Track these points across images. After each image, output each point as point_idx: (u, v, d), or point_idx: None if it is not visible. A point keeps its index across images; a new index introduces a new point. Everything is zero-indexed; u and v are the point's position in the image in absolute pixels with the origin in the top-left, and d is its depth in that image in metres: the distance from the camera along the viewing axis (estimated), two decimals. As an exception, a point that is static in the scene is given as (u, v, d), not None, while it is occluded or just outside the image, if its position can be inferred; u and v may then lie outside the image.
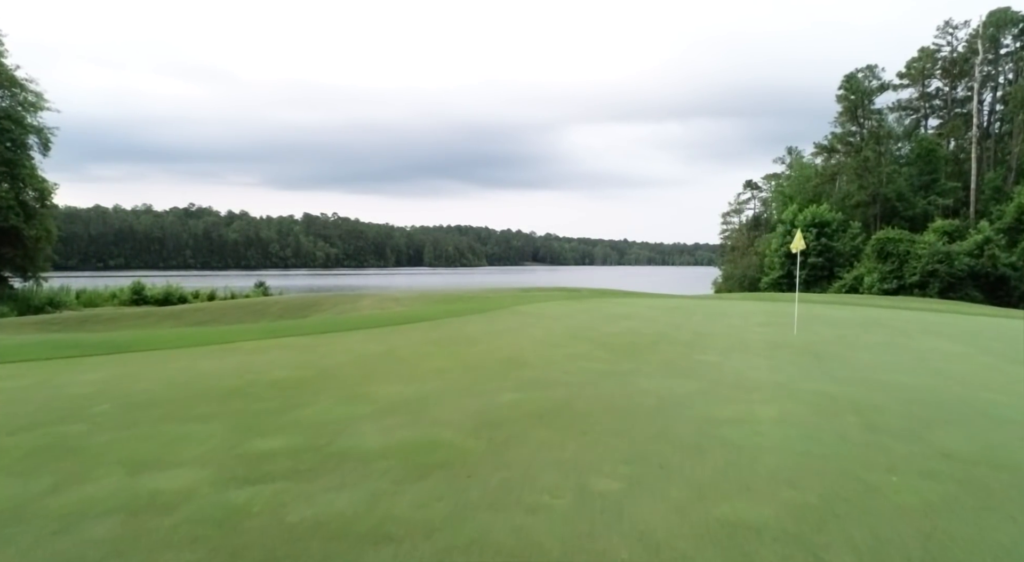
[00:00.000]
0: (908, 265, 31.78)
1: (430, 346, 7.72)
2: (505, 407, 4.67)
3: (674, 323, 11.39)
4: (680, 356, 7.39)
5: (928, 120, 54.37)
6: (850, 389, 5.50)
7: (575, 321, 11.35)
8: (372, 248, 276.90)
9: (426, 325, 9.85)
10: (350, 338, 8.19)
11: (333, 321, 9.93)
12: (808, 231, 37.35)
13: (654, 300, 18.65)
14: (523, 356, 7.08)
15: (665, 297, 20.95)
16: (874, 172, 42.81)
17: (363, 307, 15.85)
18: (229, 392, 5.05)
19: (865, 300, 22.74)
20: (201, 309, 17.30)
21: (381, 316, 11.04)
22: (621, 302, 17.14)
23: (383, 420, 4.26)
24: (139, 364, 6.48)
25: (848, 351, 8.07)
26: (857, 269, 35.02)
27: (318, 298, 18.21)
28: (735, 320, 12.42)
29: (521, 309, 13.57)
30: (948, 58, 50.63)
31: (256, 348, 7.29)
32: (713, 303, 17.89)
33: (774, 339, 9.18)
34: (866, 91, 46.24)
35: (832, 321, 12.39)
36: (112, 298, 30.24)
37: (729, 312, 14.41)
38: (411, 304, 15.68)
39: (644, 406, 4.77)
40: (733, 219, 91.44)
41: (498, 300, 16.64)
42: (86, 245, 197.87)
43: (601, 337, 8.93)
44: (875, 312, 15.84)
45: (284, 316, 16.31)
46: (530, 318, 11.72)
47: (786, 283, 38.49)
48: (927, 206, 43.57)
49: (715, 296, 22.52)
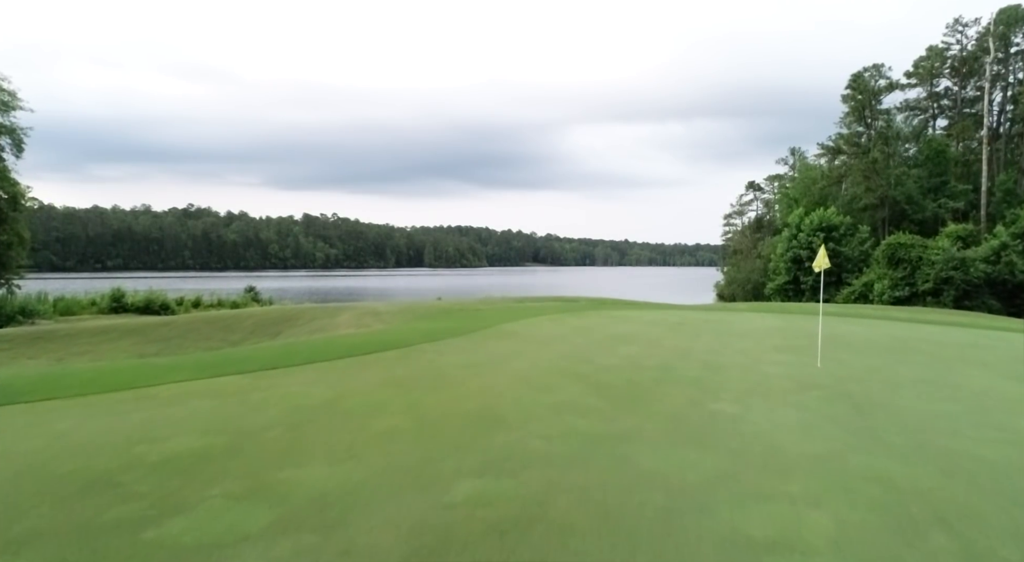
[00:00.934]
0: (920, 272, 30.49)
1: (388, 390, 6.43)
2: (457, 513, 3.39)
3: (680, 349, 10.10)
4: (689, 404, 6.11)
5: (936, 120, 53.05)
6: (918, 472, 4.21)
7: (567, 347, 10.06)
8: (372, 249, 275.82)
9: (393, 356, 8.56)
10: (296, 378, 6.90)
11: (288, 351, 8.65)
12: (815, 235, 36.08)
13: (656, 313, 17.37)
14: (497, 407, 5.80)
15: (668, 309, 19.67)
16: (882, 174, 41.51)
17: (340, 323, 14.58)
18: (89, 484, 3.76)
19: (879, 312, 21.44)
20: (168, 324, 16.04)
21: (346, 342, 9.76)
22: (620, 317, 15.86)
23: (274, 546, 2.99)
24: (4, 425, 5.20)
25: (889, 394, 6.78)
26: (867, 275, 33.74)
27: (296, 311, 16.94)
28: (748, 343, 11.13)
29: (509, 329, 12.29)
30: (958, 57, 49.28)
31: (176, 396, 6.01)
32: (720, 317, 16.60)
33: (797, 374, 7.89)
34: (873, 91, 44.94)
35: (855, 344, 11.09)
36: (91, 305, 29.03)
37: (739, 330, 13.12)
38: (391, 320, 14.40)
39: (647, 508, 3.49)
40: (735, 221, 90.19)
41: (487, 316, 15.37)
42: (84, 246, 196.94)
43: (595, 372, 7.65)
44: (896, 329, 14.54)
45: (255, 333, 15.05)
46: (517, 343, 10.44)
47: (792, 289, 37.23)
48: (937, 209, 42.25)
49: (721, 307, 21.24)
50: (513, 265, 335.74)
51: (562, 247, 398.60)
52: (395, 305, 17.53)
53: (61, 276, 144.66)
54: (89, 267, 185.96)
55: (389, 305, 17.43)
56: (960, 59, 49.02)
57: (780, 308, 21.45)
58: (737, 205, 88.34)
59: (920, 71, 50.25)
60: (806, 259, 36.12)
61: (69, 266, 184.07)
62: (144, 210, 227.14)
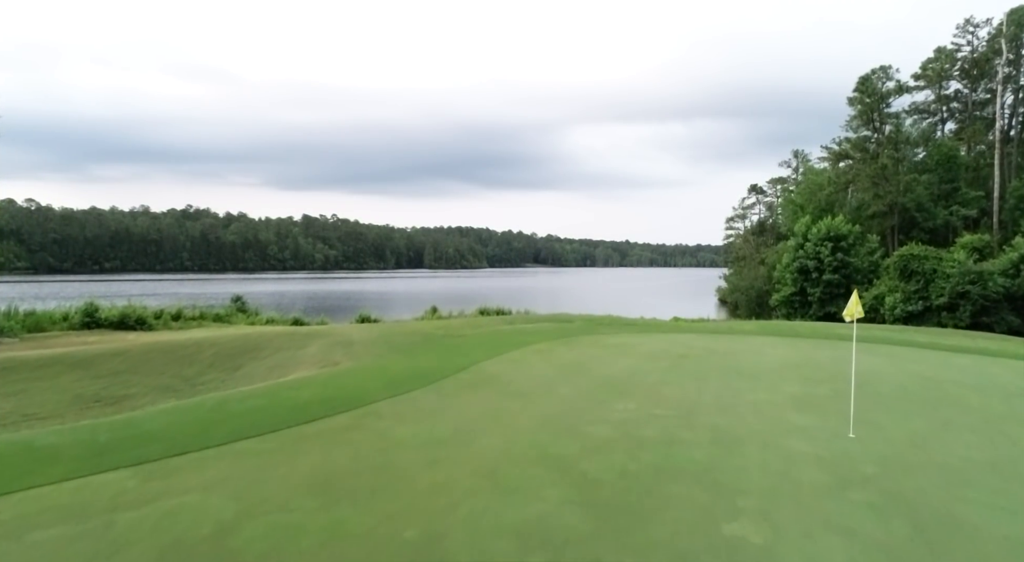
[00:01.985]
0: (935, 285, 29.00)
1: (308, 501, 4.97)
2: None
3: (684, 405, 8.64)
4: (699, 524, 4.66)
5: (945, 124, 51.53)
6: None
7: (553, 403, 8.61)
8: (372, 250, 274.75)
9: (340, 425, 7.11)
10: (198, 476, 5.44)
11: (213, 419, 7.21)
12: (823, 245, 34.62)
13: (656, 340, 15.90)
14: (444, 537, 4.35)
15: (669, 333, 18.19)
16: (892, 180, 40.01)
17: (304, 358, 13.13)
18: None
19: (896, 334, 19.94)
20: (121, 354, 14.59)
21: (292, 401, 8.30)
22: (616, 346, 14.41)
23: None
24: None
25: (953, 499, 5.32)
26: (877, 287, 32.25)
27: (262, 339, 15.49)
28: (761, 391, 9.67)
29: (489, 371, 10.83)
30: (968, 58, 47.77)
31: (13, 521, 4.55)
32: (726, 346, 15.15)
33: (830, 455, 6.43)
34: (882, 94, 43.43)
35: (885, 394, 9.60)
36: (63, 320, 27.56)
37: (749, 369, 11.66)
38: (362, 354, 12.96)
39: None
40: (737, 224, 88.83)
41: (470, 346, 13.92)
42: (82, 247, 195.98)
43: (582, 456, 6.20)
44: (924, 363, 13.06)
45: (214, 366, 13.61)
46: (494, 395, 8.99)
47: (798, 300, 35.78)
48: (949, 217, 40.76)
49: (727, 327, 19.79)
50: (513, 266, 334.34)
51: (563, 248, 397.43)
52: (373, 331, 16.08)
53: (59, 278, 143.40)
54: (87, 269, 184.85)
55: (366, 331, 15.98)
56: (971, 61, 47.52)
57: (789, 329, 19.98)
58: (739, 208, 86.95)
59: (929, 73, 48.74)
60: (813, 269, 34.65)
61: (67, 268, 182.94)
62: (143, 211, 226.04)
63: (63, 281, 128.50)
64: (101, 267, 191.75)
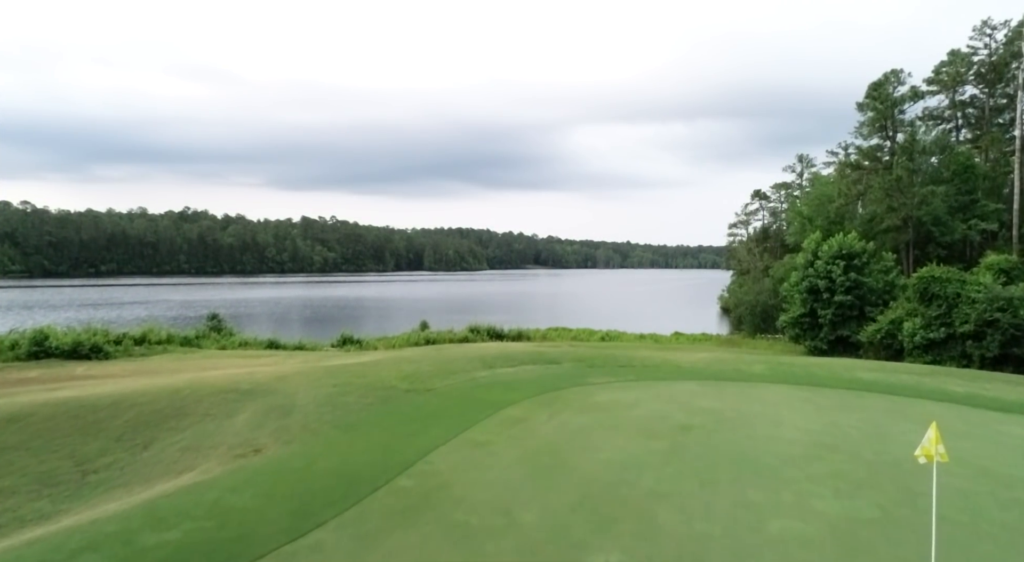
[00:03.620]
0: (958, 310, 26.66)
1: None
2: None
3: (685, 553, 6.35)
4: None
5: (960, 130, 49.17)
6: None
7: (508, 548, 6.34)
8: (371, 252, 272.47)
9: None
10: None
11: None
12: (834, 264, 32.30)
13: (653, 403, 13.59)
14: None
15: (669, 385, 15.86)
16: (907, 193, 37.67)
17: (228, 434, 10.88)
18: None
19: (926, 379, 17.59)
20: (18, 420, 12.31)
21: (142, 555, 6.04)
22: (605, 420, 12.13)
23: None
24: None
25: None
26: (893, 310, 29.89)
27: (193, 396, 13.22)
28: (788, 520, 7.37)
29: (436, 473, 8.55)
30: (985, 62, 45.41)
31: None
32: (737, 409, 12.87)
33: None
34: (895, 100, 41.09)
35: (954, 521, 7.30)
36: (10, 350, 25.31)
37: (768, 461, 9.34)
38: (296, 431, 10.70)
39: None
40: (740, 231, 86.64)
41: (430, 414, 11.65)
42: (78, 250, 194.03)
43: None
44: (978, 439, 10.73)
45: (122, 440, 11.36)
46: (423, 543, 6.71)
47: (808, 322, 33.45)
48: (967, 230, 38.41)
49: (734, 373, 17.53)
50: (514, 268, 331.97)
51: (563, 249, 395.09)
52: (324, 387, 13.81)
53: (53, 283, 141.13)
54: (83, 272, 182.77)
55: (315, 388, 13.70)
56: (988, 64, 45.16)
57: (804, 373, 17.67)
58: (742, 214, 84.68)
59: (944, 78, 46.37)
60: (824, 290, 32.33)
61: (62, 271, 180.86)
62: (140, 213, 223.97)
63: (56, 286, 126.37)
64: (97, 270, 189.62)
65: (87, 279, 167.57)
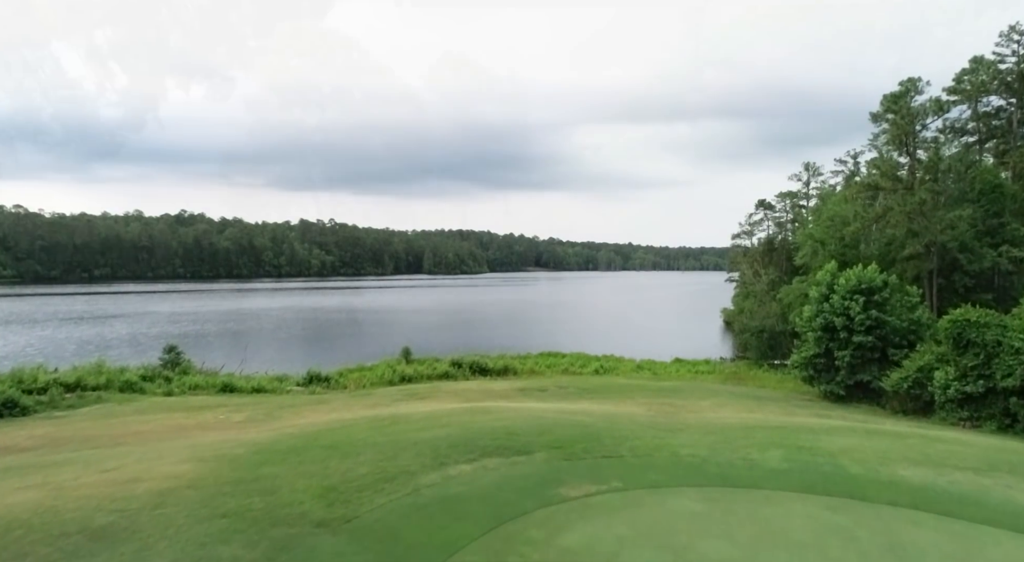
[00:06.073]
0: (999, 360, 23.20)
1: None
2: None
3: None
4: None
5: (984, 144, 45.69)
6: None
7: None
8: (370, 255, 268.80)
9: None
10: None
11: None
12: (853, 299, 28.87)
13: (644, 553, 10.20)
14: None
15: (659, 494, 12.47)
16: (930, 217, 34.23)
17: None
18: None
19: (1001, 481, 14.15)
20: None
21: None
22: None
23: None
24: None
25: None
26: (921, 355, 26.42)
27: (43, 530, 9.93)
28: None
29: None
30: (1014, 70, 41.93)
31: None
32: (746, 543, 9.48)
33: None
34: (916, 113, 37.62)
35: None
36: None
37: None
38: None
39: None
40: (744, 241, 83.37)
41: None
42: (71, 255, 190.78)
43: None
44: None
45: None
46: None
47: (823, 363, 30.02)
48: (997, 258, 34.93)
49: (747, 479, 14.06)
50: (515, 270, 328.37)
51: (565, 251, 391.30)
52: (192, 537, 10.46)
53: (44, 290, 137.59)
54: (76, 277, 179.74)
55: (178, 545, 10.37)
56: (1017, 73, 41.68)
57: (837, 477, 14.26)
58: (746, 224, 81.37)
59: (967, 87, 42.89)
60: (841, 328, 28.91)
61: (54, 276, 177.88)
62: (135, 216, 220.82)
63: (45, 295, 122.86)
64: (90, 275, 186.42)
65: (79, 285, 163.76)
